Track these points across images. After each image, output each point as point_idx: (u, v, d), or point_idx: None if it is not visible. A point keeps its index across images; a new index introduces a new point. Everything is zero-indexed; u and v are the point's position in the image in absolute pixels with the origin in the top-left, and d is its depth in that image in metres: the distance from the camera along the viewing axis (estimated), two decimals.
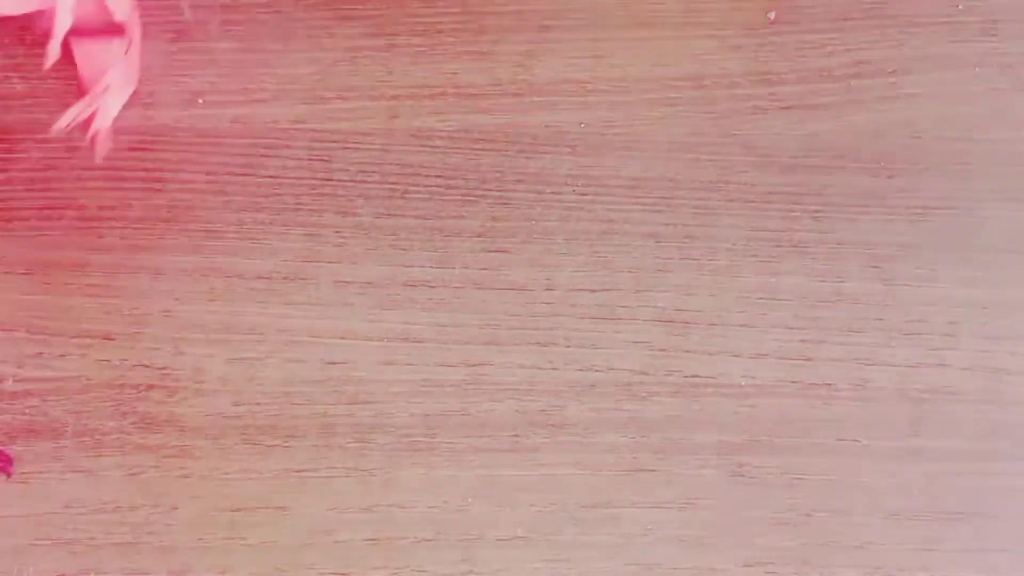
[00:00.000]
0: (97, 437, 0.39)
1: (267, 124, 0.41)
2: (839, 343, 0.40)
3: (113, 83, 0.39)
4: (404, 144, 0.41)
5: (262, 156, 0.41)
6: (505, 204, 0.41)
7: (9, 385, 0.39)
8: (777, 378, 0.40)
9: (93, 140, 0.39)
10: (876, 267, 0.41)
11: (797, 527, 0.39)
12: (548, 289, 0.40)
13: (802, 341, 0.40)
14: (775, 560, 0.39)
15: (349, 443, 0.39)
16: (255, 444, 0.39)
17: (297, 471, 0.39)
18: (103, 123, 0.39)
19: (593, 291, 0.40)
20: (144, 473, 0.39)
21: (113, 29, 0.38)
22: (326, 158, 0.41)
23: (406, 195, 0.41)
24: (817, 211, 0.41)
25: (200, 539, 0.39)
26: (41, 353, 0.39)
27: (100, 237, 0.40)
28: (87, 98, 0.38)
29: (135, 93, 0.40)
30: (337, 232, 0.41)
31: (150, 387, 0.39)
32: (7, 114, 0.41)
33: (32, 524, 0.38)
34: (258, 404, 0.39)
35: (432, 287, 0.40)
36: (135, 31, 0.39)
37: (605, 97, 0.42)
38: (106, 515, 0.39)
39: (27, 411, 0.39)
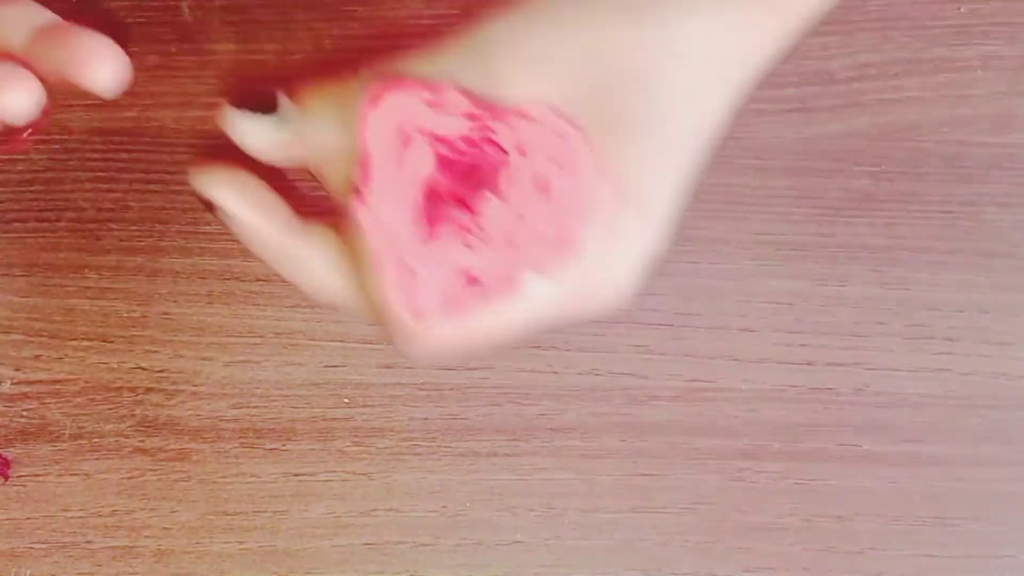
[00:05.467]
0: (95, 440, 0.39)
1: None
2: (840, 348, 0.40)
3: None
4: None
5: None
6: None
7: (7, 387, 0.39)
8: (778, 382, 0.40)
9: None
10: (877, 271, 0.41)
11: (798, 532, 0.39)
12: None
13: (803, 345, 0.40)
14: (776, 566, 0.39)
15: (348, 447, 0.39)
16: (253, 447, 0.39)
17: (295, 475, 0.39)
18: None
19: None
20: (142, 476, 0.39)
21: None
22: None
23: None
24: (819, 214, 0.41)
25: (198, 543, 0.38)
26: (39, 355, 0.39)
27: (98, 239, 0.40)
28: None
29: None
30: None
31: (148, 390, 0.39)
32: None
33: (29, 527, 0.38)
34: (256, 407, 0.39)
35: None
36: None
37: None
38: (103, 519, 0.38)
39: (24, 413, 0.39)
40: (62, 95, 0.40)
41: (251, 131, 0.32)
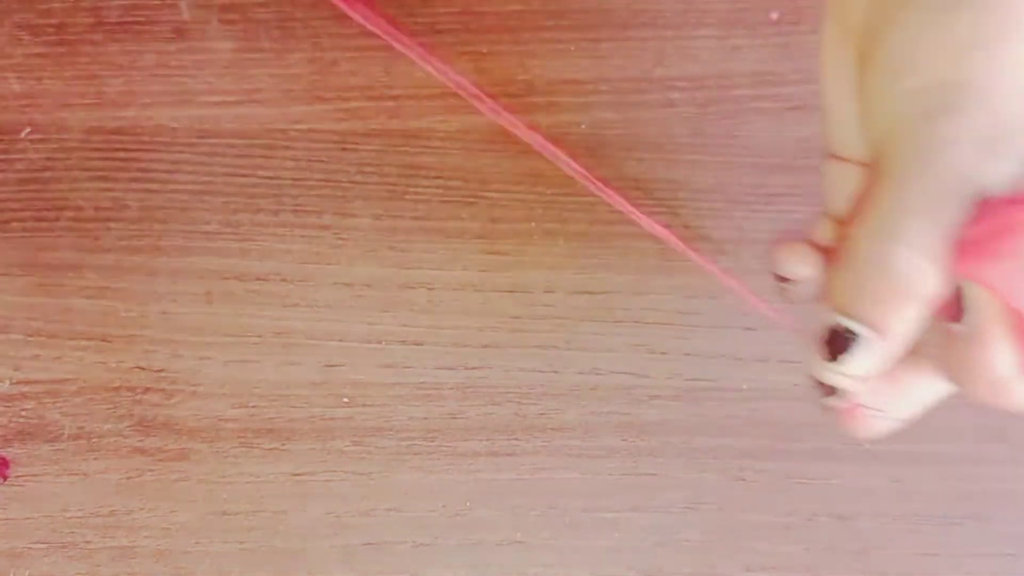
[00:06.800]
0: (94, 440, 0.39)
1: (266, 124, 0.41)
2: None
3: None
4: (403, 144, 0.41)
5: (260, 156, 0.41)
6: (504, 206, 0.41)
7: (5, 387, 0.39)
8: (779, 382, 0.40)
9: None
10: None
11: (799, 531, 0.39)
12: (548, 291, 0.40)
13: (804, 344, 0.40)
14: (777, 565, 0.39)
15: (347, 446, 0.39)
16: (253, 447, 0.39)
17: (295, 474, 0.39)
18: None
19: (593, 293, 0.40)
20: (141, 476, 0.39)
21: None
22: (325, 159, 0.41)
23: (405, 196, 0.41)
24: (819, 213, 0.41)
25: (197, 543, 0.38)
26: (37, 355, 0.39)
27: (97, 239, 0.40)
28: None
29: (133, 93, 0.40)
30: (335, 233, 0.40)
31: (147, 390, 0.39)
32: (3, 114, 0.40)
33: (28, 527, 0.38)
34: (256, 407, 0.39)
35: (431, 289, 0.40)
36: None
37: (605, 98, 0.42)
38: (102, 519, 0.38)
39: (23, 413, 0.39)
40: (59, 94, 0.40)
41: (855, 372, 0.26)
